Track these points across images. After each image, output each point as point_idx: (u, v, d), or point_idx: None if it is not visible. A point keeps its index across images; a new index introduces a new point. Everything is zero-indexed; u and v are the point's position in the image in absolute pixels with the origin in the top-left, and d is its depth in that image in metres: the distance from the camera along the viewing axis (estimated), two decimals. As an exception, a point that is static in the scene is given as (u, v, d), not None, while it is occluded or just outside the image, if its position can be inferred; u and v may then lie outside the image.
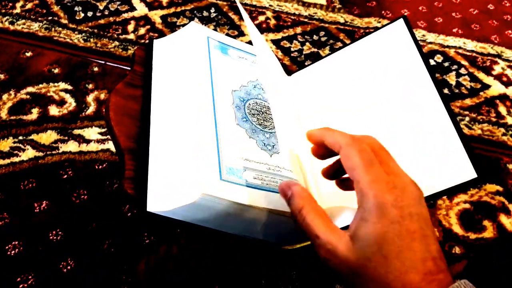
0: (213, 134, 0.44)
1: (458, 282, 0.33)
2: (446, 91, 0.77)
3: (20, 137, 0.66)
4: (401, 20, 0.53)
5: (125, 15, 0.87)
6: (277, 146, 0.48)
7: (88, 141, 0.66)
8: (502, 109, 0.75)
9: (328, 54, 0.58)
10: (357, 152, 0.36)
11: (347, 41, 0.85)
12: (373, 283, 0.34)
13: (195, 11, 0.89)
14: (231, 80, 0.51)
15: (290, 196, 0.39)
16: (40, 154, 0.64)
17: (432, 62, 0.82)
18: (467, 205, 0.62)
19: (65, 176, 0.62)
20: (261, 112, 0.50)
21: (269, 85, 0.49)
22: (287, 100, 0.56)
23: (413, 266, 0.33)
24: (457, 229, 0.60)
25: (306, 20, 0.89)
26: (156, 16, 0.88)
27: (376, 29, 0.56)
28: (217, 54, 0.53)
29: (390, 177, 0.36)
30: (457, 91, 0.78)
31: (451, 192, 0.43)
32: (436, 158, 0.45)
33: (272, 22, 0.88)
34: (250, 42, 0.83)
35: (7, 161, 0.63)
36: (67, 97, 0.72)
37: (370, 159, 0.36)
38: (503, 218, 0.61)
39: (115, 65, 0.78)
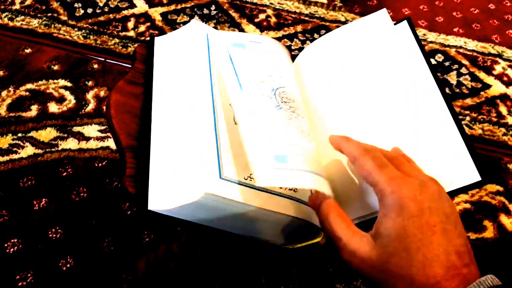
0: (212, 132, 0.44)
1: (485, 276, 0.33)
2: (447, 90, 0.77)
3: (19, 134, 0.66)
4: (404, 22, 0.53)
5: (125, 12, 0.87)
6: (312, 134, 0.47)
7: (87, 139, 0.66)
8: (503, 109, 0.75)
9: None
10: (370, 159, 0.38)
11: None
12: (398, 278, 0.35)
13: (195, 9, 0.89)
14: (253, 74, 0.50)
15: (319, 204, 0.41)
16: (40, 151, 0.64)
17: (433, 61, 0.82)
18: (467, 205, 0.62)
19: (65, 173, 0.62)
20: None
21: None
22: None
23: (435, 260, 0.34)
24: (457, 229, 0.60)
25: (307, 18, 0.89)
26: (156, 13, 0.87)
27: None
28: (237, 50, 0.52)
29: (406, 176, 0.37)
30: (457, 90, 0.77)
31: (453, 194, 0.43)
32: (438, 160, 0.45)
33: (273, 20, 0.88)
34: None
35: (6, 158, 0.63)
36: (67, 94, 0.72)
37: (383, 162, 0.38)
38: (503, 218, 0.61)
39: (115, 62, 0.77)
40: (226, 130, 0.45)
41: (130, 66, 0.52)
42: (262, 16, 0.89)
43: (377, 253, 0.36)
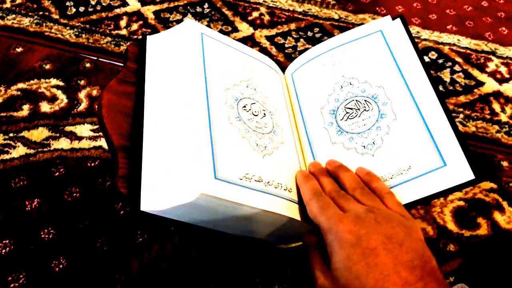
0: (207, 132, 0.43)
1: (455, 286, 0.34)
2: (440, 88, 0.77)
3: (11, 134, 0.65)
4: (398, 20, 0.53)
5: (118, 11, 0.86)
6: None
7: (80, 138, 0.65)
8: (496, 106, 0.75)
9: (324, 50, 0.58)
10: (316, 202, 0.42)
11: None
12: None
13: (188, 7, 0.88)
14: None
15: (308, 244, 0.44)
16: (31, 151, 0.63)
17: (426, 59, 0.82)
18: (461, 203, 0.62)
19: (57, 173, 0.61)
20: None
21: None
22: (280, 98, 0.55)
23: (387, 280, 0.35)
24: (451, 226, 0.60)
25: (300, 16, 0.89)
26: (149, 11, 0.87)
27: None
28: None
29: (343, 211, 0.40)
30: (451, 88, 0.78)
31: (447, 193, 0.43)
32: (432, 158, 0.45)
33: (266, 18, 0.88)
34: (243, 40, 0.83)
35: (-3, 158, 0.62)
36: (59, 93, 0.71)
37: (325, 204, 0.41)
38: (497, 216, 0.61)
39: (107, 61, 0.77)
40: (221, 129, 0.45)
41: (122, 65, 0.52)
42: (255, 14, 0.88)
43: (336, 286, 0.38)
